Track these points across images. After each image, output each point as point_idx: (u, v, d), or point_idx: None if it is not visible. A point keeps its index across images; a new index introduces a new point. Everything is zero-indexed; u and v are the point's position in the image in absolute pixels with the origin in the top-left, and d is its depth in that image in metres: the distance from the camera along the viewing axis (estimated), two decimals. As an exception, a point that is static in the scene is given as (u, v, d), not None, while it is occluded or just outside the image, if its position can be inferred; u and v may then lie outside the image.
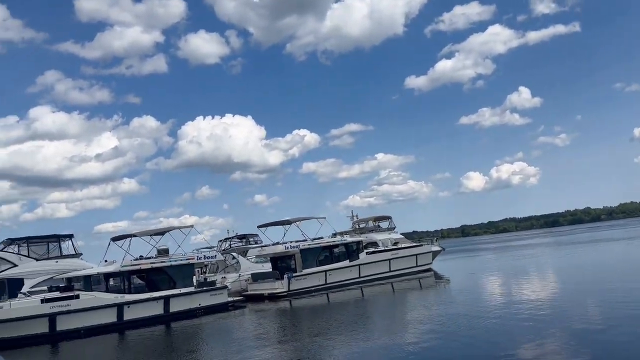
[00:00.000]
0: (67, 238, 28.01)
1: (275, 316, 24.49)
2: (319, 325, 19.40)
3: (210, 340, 19.35)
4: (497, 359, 10.67)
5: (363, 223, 41.30)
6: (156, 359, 16.52)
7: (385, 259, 33.31)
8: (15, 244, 26.52)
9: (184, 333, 22.09)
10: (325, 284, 29.92)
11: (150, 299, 23.74)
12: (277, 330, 19.91)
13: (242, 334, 19.86)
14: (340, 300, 27.42)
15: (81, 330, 21.62)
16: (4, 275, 25.49)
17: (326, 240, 31.62)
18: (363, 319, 20.18)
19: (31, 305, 21.07)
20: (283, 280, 28.58)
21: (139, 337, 21.55)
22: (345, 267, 31.06)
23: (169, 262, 25.23)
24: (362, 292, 29.77)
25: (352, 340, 14.96)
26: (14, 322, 20.50)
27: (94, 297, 22.40)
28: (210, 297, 25.76)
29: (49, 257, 26.67)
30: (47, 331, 21.07)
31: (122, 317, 22.82)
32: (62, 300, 21.60)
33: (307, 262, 29.80)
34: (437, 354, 11.97)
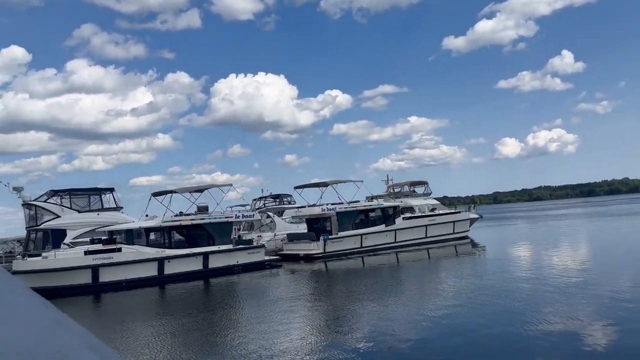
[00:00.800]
0: (108, 191, 28.45)
1: (310, 277, 24.49)
2: (353, 289, 19.25)
3: (248, 298, 19.45)
4: (523, 335, 10.33)
5: (398, 187, 40.59)
6: (196, 313, 16.67)
7: (422, 225, 32.74)
8: (58, 195, 27.07)
9: (222, 289, 22.37)
10: (360, 247, 29.70)
11: (190, 255, 24.00)
12: (312, 292, 19.89)
13: (278, 293, 19.91)
14: (374, 265, 27.21)
15: (123, 283, 22.08)
16: (48, 225, 26.16)
17: (363, 204, 31.19)
18: (397, 285, 19.97)
19: (75, 257, 21.53)
20: (319, 242, 28.47)
21: (179, 291, 21.91)
22: (381, 232, 30.69)
23: (208, 220, 25.34)
24: (397, 257, 29.46)
25: (384, 306, 14.73)
26: (59, 272, 21.03)
27: (136, 251, 22.73)
28: (247, 255, 25.91)
29: (90, 210, 27.20)
30: (90, 282, 21.57)
31: (163, 271, 23.18)
32: (105, 253, 21.99)
33: (343, 225, 29.52)
34: (464, 326, 11.56)
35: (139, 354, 11.28)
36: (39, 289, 19.78)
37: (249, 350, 10.65)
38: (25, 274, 20.85)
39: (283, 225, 34.24)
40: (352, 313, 14.17)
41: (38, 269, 20.86)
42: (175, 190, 27.03)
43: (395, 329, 11.57)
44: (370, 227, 30.69)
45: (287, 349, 10.51)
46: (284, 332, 12.21)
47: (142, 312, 17.81)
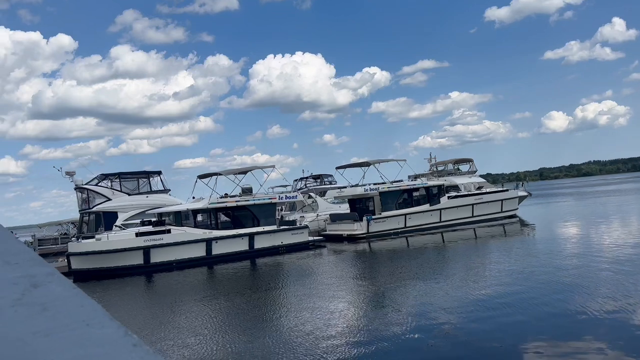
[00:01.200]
0: (156, 174, 29.12)
1: (354, 257, 24.44)
2: (397, 270, 19.07)
3: (294, 278, 19.60)
4: (571, 318, 9.91)
5: (442, 166, 39.72)
6: (246, 293, 16.93)
7: (468, 203, 31.97)
8: (108, 179, 27.92)
9: (268, 269, 22.64)
10: (404, 227, 29.34)
11: (236, 236, 24.37)
12: (357, 272, 19.82)
13: (323, 273, 19.95)
14: (419, 245, 26.84)
15: (173, 263, 22.66)
16: (100, 208, 27.09)
17: (406, 183, 30.70)
18: (443, 266, 19.54)
19: (127, 238, 22.21)
20: (362, 222, 28.30)
21: (227, 272, 22.34)
22: (425, 211, 30.18)
23: (253, 201, 25.58)
24: (443, 237, 28.93)
25: (430, 287, 14.41)
26: (112, 253, 21.77)
27: (185, 232, 23.24)
28: (291, 235, 26.07)
29: (139, 192, 27.94)
30: (142, 263, 22.25)
31: (211, 251, 23.65)
32: (156, 234, 22.58)
33: (387, 205, 29.20)
34: (511, 310, 11.07)
35: (193, 333, 11.52)
36: (93, 270, 20.59)
37: (299, 331, 10.67)
38: (80, 256, 21.72)
39: (325, 206, 34.24)
40: (398, 295, 13.96)
41: (92, 251, 21.65)
42: (219, 173, 27.36)
43: (443, 312, 11.29)
44: (414, 206, 30.23)
45: (333, 333, 10.43)
46: (329, 314, 12.15)
47: (194, 292, 18.23)
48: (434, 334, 9.37)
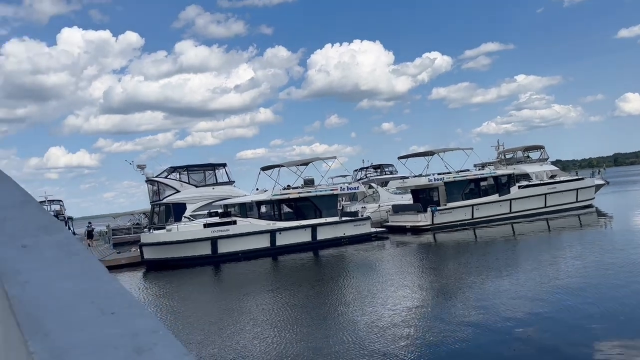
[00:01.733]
0: (221, 167, 29.88)
1: (418, 250, 23.87)
2: (464, 264, 18.39)
3: (357, 271, 19.43)
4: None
5: (510, 153, 37.92)
6: (310, 284, 16.98)
7: (540, 193, 30.32)
8: (176, 171, 28.95)
9: (331, 261, 22.61)
10: (471, 218, 28.29)
11: (299, 227, 24.52)
12: (421, 265, 19.33)
13: (387, 266, 19.63)
14: (487, 237, 25.80)
15: (239, 254, 23.15)
16: (169, 199, 28.16)
17: (473, 173, 29.55)
18: (514, 261, 18.62)
19: (195, 229, 22.91)
20: (426, 213, 27.59)
21: (291, 262, 22.55)
22: (494, 202, 28.93)
23: (315, 192, 25.61)
24: (513, 229, 27.66)
25: (500, 284, 13.69)
26: (181, 243, 22.54)
27: (250, 224, 23.66)
28: (354, 227, 25.88)
29: (206, 184, 28.78)
30: (209, 253, 22.89)
31: (275, 242, 23.95)
32: (222, 225, 23.14)
33: (452, 195, 28.25)
34: (596, 311, 10.13)
35: (263, 324, 11.64)
36: (164, 259, 21.38)
37: (364, 327, 10.47)
38: (151, 246, 22.67)
39: (387, 196, 33.73)
40: (469, 292, 13.38)
41: (163, 241, 22.52)
42: (282, 164, 27.58)
43: (520, 312, 10.65)
44: (482, 197, 29.07)
45: (402, 331, 10.10)
46: (396, 310, 11.81)
47: (261, 282, 18.52)
48: (515, 337, 8.82)
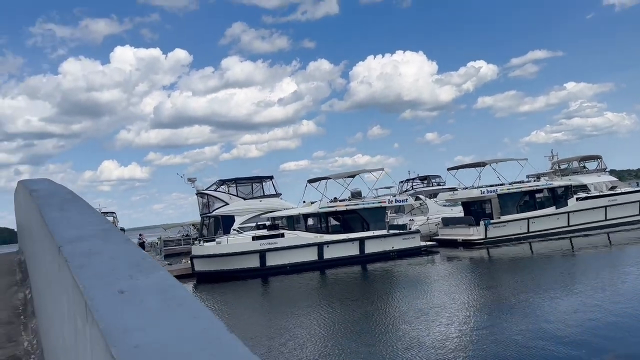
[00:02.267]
0: (268, 179, 30.08)
1: (471, 266, 23.02)
2: (521, 282, 17.53)
3: (407, 287, 18.86)
4: None
5: (565, 163, 36.17)
6: (357, 300, 16.61)
7: (600, 205, 28.72)
8: (225, 184, 29.34)
9: (379, 276, 22.11)
10: (527, 232, 27.07)
11: (346, 240, 24.18)
12: (476, 283, 18.55)
13: (439, 282, 18.95)
14: (545, 252, 24.58)
15: (287, 267, 23.04)
16: (219, 212, 28.53)
17: (528, 184, 28.33)
18: (575, 278, 17.60)
19: (244, 242, 23.01)
20: (479, 227, 26.61)
21: (339, 276, 22.21)
22: (551, 215, 27.60)
23: (362, 205, 25.23)
24: (572, 243, 26.29)
25: (560, 304, 12.90)
26: (231, 256, 22.68)
27: (297, 236, 23.55)
28: (402, 240, 25.29)
29: (254, 197, 29.00)
30: (258, 266, 22.90)
31: (322, 255, 23.70)
32: (271, 238, 23.14)
33: (506, 208, 27.15)
34: None
35: (311, 339, 11.39)
36: (214, 272, 21.53)
37: (416, 347, 10.01)
38: (202, 258, 22.92)
39: (436, 209, 32.86)
40: (524, 312, 12.64)
41: (213, 254, 22.73)
42: (329, 177, 27.41)
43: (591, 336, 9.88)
44: (537, 209, 27.79)
45: (448, 354, 9.54)
46: (449, 332, 11.23)
47: (309, 296, 18.31)
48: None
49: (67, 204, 3.33)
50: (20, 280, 6.68)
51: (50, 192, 4.06)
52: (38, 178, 7.36)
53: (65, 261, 1.95)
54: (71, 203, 3.34)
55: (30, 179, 7.15)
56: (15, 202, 9.71)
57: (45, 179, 6.58)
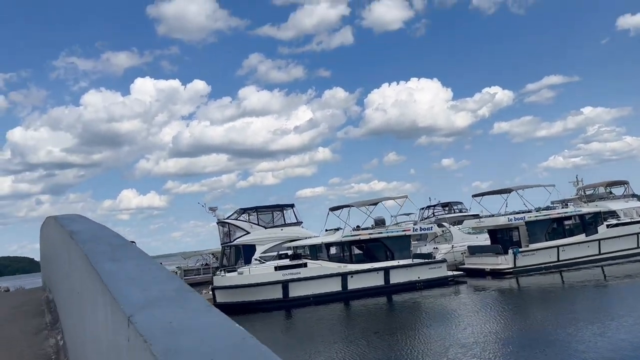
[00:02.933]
0: (289, 207, 29.72)
1: (501, 297, 22.16)
2: (555, 313, 16.87)
3: (435, 320, 18.14)
4: None
5: (590, 189, 35.24)
6: (386, 334, 15.96)
7: (632, 232, 27.71)
8: (246, 213, 29.05)
9: (406, 308, 21.36)
10: (557, 261, 26.13)
11: (371, 270, 23.55)
12: (506, 317, 17.72)
13: (468, 317, 18.16)
14: (576, 282, 23.66)
15: (310, 298, 22.44)
16: (239, 241, 28.15)
17: (557, 211, 27.52)
18: (612, 310, 16.76)
19: (267, 272, 22.53)
20: (507, 256, 25.77)
21: (364, 309, 21.50)
22: (581, 242, 26.67)
23: (386, 233, 24.66)
24: (604, 272, 25.30)
25: (599, 341, 12.10)
26: (253, 287, 22.18)
27: (320, 266, 22.99)
28: (429, 270, 24.54)
29: (275, 225, 28.62)
30: (280, 297, 22.34)
31: (347, 286, 23.07)
32: (293, 268, 22.62)
33: (534, 235, 26.31)
34: None
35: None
36: (236, 303, 21.03)
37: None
38: (224, 289, 22.46)
39: (460, 236, 32.08)
40: (563, 350, 11.90)
41: (235, 285, 22.27)
42: (351, 205, 26.95)
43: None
44: (566, 237, 26.90)
45: None
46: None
47: (335, 331, 17.66)
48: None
49: (118, 251, 2.91)
50: (50, 322, 6.34)
51: (95, 235, 3.67)
52: (69, 214, 7.05)
53: (143, 340, 1.53)
54: (123, 250, 2.93)
55: (62, 216, 6.82)
56: (42, 237, 9.44)
57: (77, 216, 6.23)
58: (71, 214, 6.52)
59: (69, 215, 6.51)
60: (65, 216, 6.14)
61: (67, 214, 6.89)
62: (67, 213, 7.02)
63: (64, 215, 6.64)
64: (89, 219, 5.48)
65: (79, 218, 5.69)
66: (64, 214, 7.30)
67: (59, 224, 5.19)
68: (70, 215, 6.41)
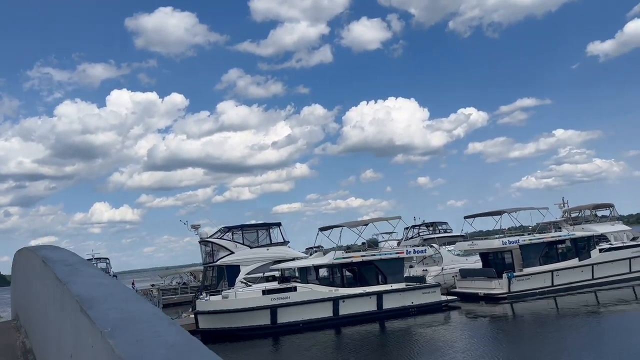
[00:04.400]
0: (276, 226, 28.44)
1: (498, 325, 21.34)
2: (560, 343, 16.11)
3: (432, 352, 17.17)
4: None
5: (576, 212, 35.05)
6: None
7: (624, 257, 27.36)
8: (230, 231, 27.65)
9: (400, 336, 20.26)
10: (551, 286, 25.50)
11: (364, 294, 22.40)
12: (506, 348, 16.93)
13: (467, 349, 17.23)
14: (571, 308, 23.03)
15: (300, 324, 21.16)
16: (223, 262, 26.69)
17: (551, 235, 26.98)
18: (613, 340, 16.33)
19: (254, 297, 21.17)
20: (501, 280, 25.01)
21: (358, 336, 20.29)
22: (575, 267, 26.13)
23: (379, 255, 23.60)
24: (597, 297, 24.80)
25: None
26: (239, 312, 20.78)
27: (311, 290, 21.75)
28: (422, 295, 23.55)
29: (260, 245, 27.30)
30: (269, 323, 20.99)
31: (338, 311, 21.85)
32: (282, 292, 21.33)
33: (529, 259, 25.64)
34: None
35: None
36: (220, 330, 19.55)
37: None
38: (207, 315, 20.98)
39: (450, 258, 31.29)
40: None
41: (220, 310, 20.84)
42: (341, 225, 25.87)
43: None
44: (560, 261, 26.34)
45: None
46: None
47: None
48: None
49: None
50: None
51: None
52: (46, 245, 6.30)
53: None
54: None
55: (40, 247, 5.88)
56: (16, 271, 8.27)
57: (54, 248, 5.47)
58: (50, 246, 5.77)
59: (47, 246, 5.80)
60: (44, 248, 5.52)
61: (45, 245, 6.15)
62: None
63: (43, 247, 5.90)
64: (68, 251, 4.97)
65: (60, 251, 5.12)
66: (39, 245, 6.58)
67: (46, 264, 4.41)
68: (48, 246, 5.68)
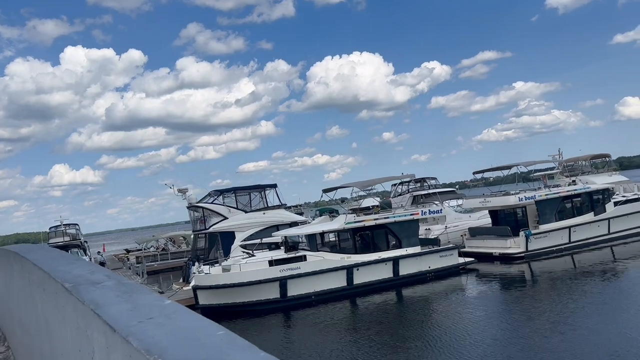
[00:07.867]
0: (271, 188, 25.85)
1: (520, 287, 19.82)
2: (590, 307, 14.87)
3: (455, 319, 15.53)
4: None
5: (571, 163, 33.88)
6: (401, 340, 12.92)
7: (639, 210, 26.25)
8: (221, 195, 24.90)
9: (421, 305, 18.45)
10: (568, 242, 24.18)
11: (379, 261, 20.36)
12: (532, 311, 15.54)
13: (494, 314, 15.73)
14: (590, 265, 21.81)
15: (312, 296, 19.04)
16: (216, 228, 24.03)
17: (566, 189, 25.45)
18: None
19: (261, 268, 18.79)
20: (517, 238, 23.46)
21: (374, 306, 18.36)
22: (592, 222, 24.84)
23: (393, 218, 21.46)
24: (613, 252, 23.72)
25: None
26: (245, 286, 18.42)
27: (322, 259, 19.52)
28: (439, 258, 21.76)
29: (255, 209, 24.74)
30: (278, 297, 18.76)
31: (352, 281, 19.80)
32: (291, 262, 19.02)
33: (545, 216, 24.12)
34: None
35: None
36: (224, 305, 17.06)
37: None
38: (209, 290, 18.53)
39: (453, 216, 29.64)
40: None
41: (223, 284, 18.38)
42: (350, 185, 23.49)
43: None
44: (575, 216, 24.97)
45: None
46: None
47: (341, 338, 14.34)
48: None
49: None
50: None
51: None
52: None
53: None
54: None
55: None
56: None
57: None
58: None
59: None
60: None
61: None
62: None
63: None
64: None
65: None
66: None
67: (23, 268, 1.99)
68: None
